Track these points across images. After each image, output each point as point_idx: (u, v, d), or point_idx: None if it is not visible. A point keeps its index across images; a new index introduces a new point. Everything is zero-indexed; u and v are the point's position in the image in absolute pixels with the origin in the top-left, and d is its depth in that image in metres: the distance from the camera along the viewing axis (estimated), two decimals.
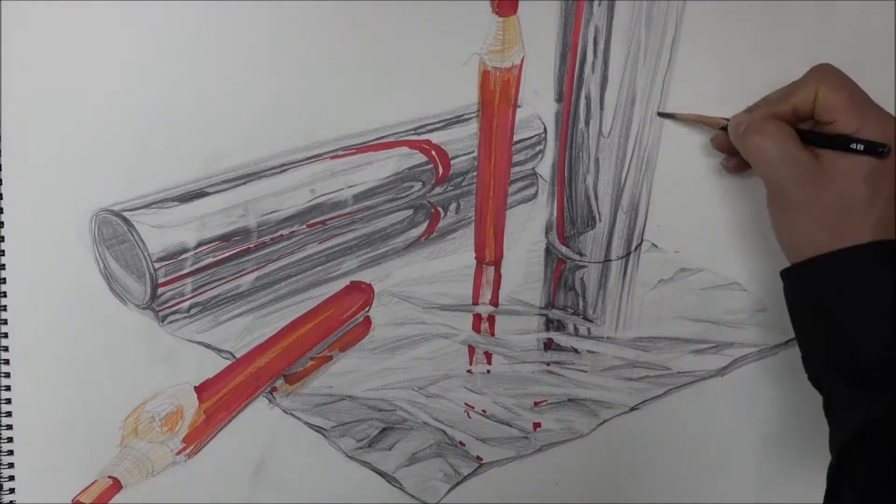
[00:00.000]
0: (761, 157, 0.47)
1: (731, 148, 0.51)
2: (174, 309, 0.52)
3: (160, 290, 0.50)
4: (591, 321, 0.57)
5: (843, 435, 0.45)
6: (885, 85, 0.54)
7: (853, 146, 0.45)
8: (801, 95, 0.48)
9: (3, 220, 0.51)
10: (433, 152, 0.54)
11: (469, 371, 0.57)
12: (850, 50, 0.53)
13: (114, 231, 0.51)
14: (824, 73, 0.48)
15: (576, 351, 0.57)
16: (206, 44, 0.51)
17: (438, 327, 0.56)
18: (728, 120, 0.51)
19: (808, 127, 0.48)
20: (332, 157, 0.53)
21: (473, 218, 0.56)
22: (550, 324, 0.57)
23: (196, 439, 0.54)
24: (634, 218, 0.56)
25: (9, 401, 0.52)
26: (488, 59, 0.52)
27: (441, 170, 0.54)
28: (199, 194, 0.51)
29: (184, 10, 0.50)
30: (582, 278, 0.57)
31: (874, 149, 0.45)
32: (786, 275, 0.48)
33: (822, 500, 0.53)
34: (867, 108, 0.46)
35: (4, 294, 0.52)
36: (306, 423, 0.55)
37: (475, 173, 0.55)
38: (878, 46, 0.54)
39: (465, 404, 0.57)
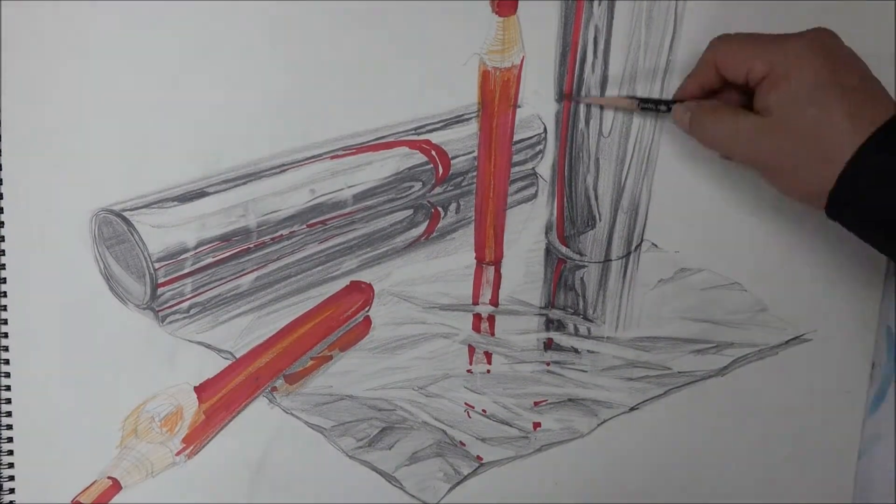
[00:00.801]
0: (719, 143, 0.49)
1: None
2: (174, 309, 0.52)
3: (160, 290, 0.50)
4: (591, 321, 0.57)
5: None
6: (885, 85, 0.54)
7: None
8: (701, 72, 0.49)
9: (3, 219, 0.51)
10: (433, 152, 0.54)
11: (469, 371, 0.57)
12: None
13: (114, 231, 0.51)
14: (715, 42, 0.49)
15: (576, 351, 0.57)
16: (206, 44, 0.51)
17: (438, 327, 0.56)
18: (635, 98, 0.53)
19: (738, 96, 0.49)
20: (332, 157, 0.53)
21: (473, 218, 0.56)
22: (550, 324, 0.57)
23: (196, 439, 0.54)
24: (634, 218, 0.56)
25: (9, 401, 0.52)
26: (488, 59, 0.52)
27: (441, 170, 0.54)
28: (199, 194, 0.51)
29: (184, 9, 0.50)
30: (582, 278, 0.57)
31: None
32: (831, 217, 0.46)
33: (821, 501, 0.53)
34: (776, 42, 0.46)
35: (4, 294, 0.52)
36: (306, 423, 0.55)
37: (475, 173, 0.55)
38: (878, 46, 0.54)
39: (465, 404, 0.57)
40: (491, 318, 0.56)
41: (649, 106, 0.52)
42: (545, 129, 0.55)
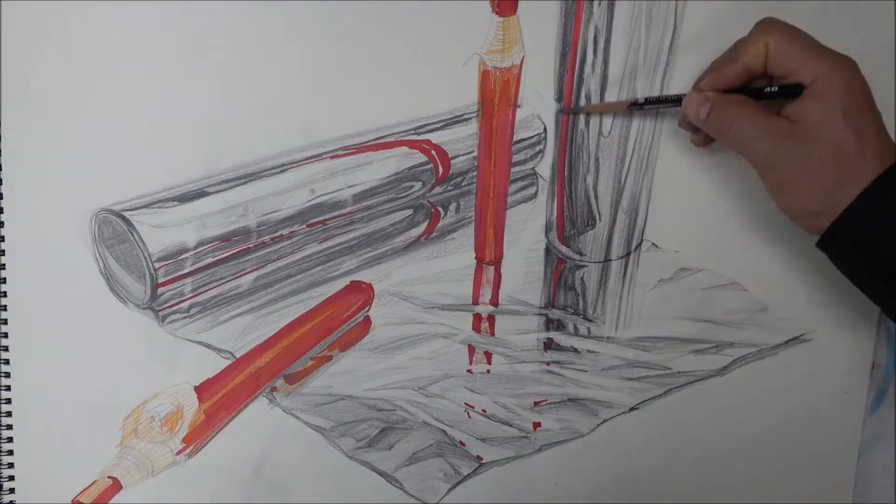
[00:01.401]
0: (738, 138, 0.47)
1: (693, 126, 0.50)
2: (174, 309, 0.52)
3: (160, 290, 0.50)
4: (591, 321, 0.57)
5: None
6: (885, 85, 0.54)
7: (767, 90, 0.46)
8: (751, 51, 0.46)
9: (3, 219, 0.51)
10: (433, 152, 0.54)
11: (469, 371, 0.57)
12: (851, 50, 0.53)
13: (114, 231, 0.51)
14: (772, 25, 0.47)
15: (576, 351, 0.57)
16: (206, 44, 0.51)
17: (438, 327, 0.56)
18: (635, 100, 0.51)
19: (764, 83, 0.48)
20: (332, 157, 0.53)
21: (473, 218, 0.56)
22: (550, 323, 0.57)
23: (196, 439, 0.54)
24: (634, 218, 0.56)
25: (9, 401, 0.52)
26: (488, 59, 0.52)
27: (441, 170, 0.54)
28: (199, 194, 0.51)
29: (184, 9, 0.50)
30: (582, 278, 0.57)
31: (788, 91, 0.45)
32: (821, 246, 0.47)
33: (821, 501, 0.53)
34: (822, 54, 0.45)
35: (4, 294, 0.52)
36: (306, 423, 0.55)
37: (475, 173, 0.55)
38: (878, 46, 0.54)
39: (465, 404, 0.57)
40: (491, 318, 0.56)
41: (651, 106, 0.52)
42: (545, 129, 0.55)
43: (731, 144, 0.48)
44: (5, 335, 0.52)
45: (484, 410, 0.57)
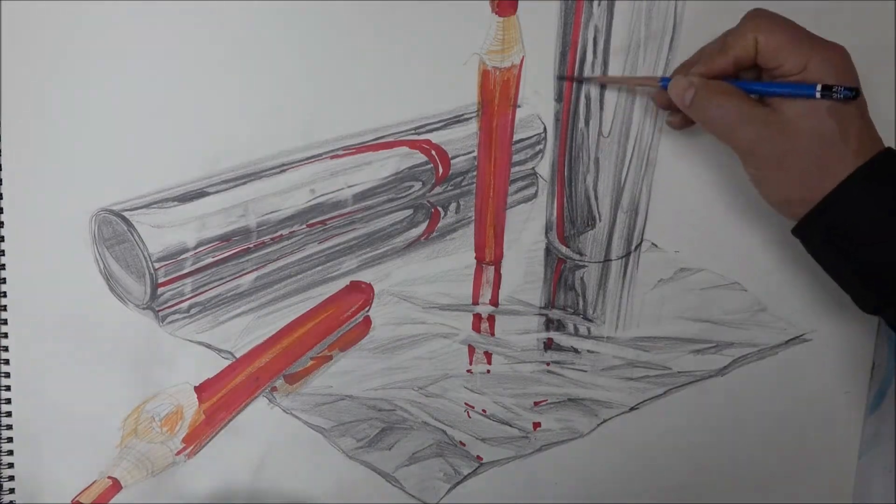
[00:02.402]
0: (721, 126, 0.47)
1: (672, 104, 0.49)
2: (174, 309, 0.52)
3: (160, 290, 0.50)
4: (591, 321, 0.57)
5: None
6: (885, 85, 0.54)
7: (834, 92, 0.44)
8: (741, 45, 0.46)
9: (3, 219, 0.51)
10: (433, 152, 0.54)
11: (469, 371, 0.57)
12: (850, 50, 0.53)
13: (114, 231, 0.51)
14: (760, 18, 0.46)
15: (576, 351, 0.57)
16: (207, 43, 0.51)
17: (438, 327, 0.56)
18: (662, 78, 0.50)
19: (752, 75, 0.48)
20: (332, 157, 0.53)
21: (473, 218, 0.56)
22: (550, 324, 0.57)
23: (196, 439, 0.54)
24: (634, 218, 0.56)
25: (9, 401, 0.52)
26: (488, 59, 0.52)
27: (441, 169, 0.54)
28: (199, 194, 0.51)
29: (184, 9, 0.50)
30: (582, 278, 0.57)
31: (849, 93, 0.44)
32: (796, 233, 0.47)
33: (821, 501, 0.53)
34: (811, 44, 0.45)
35: (4, 294, 0.52)
36: (306, 423, 0.55)
37: (475, 173, 0.55)
38: (879, 46, 0.54)
39: (465, 404, 0.57)
40: (491, 318, 0.56)
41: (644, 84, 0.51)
42: (545, 129, 0.55)
43: (713, 131, 0.47)
44: (5, 335, 0.52)
45: (484, 410, 0.57)
